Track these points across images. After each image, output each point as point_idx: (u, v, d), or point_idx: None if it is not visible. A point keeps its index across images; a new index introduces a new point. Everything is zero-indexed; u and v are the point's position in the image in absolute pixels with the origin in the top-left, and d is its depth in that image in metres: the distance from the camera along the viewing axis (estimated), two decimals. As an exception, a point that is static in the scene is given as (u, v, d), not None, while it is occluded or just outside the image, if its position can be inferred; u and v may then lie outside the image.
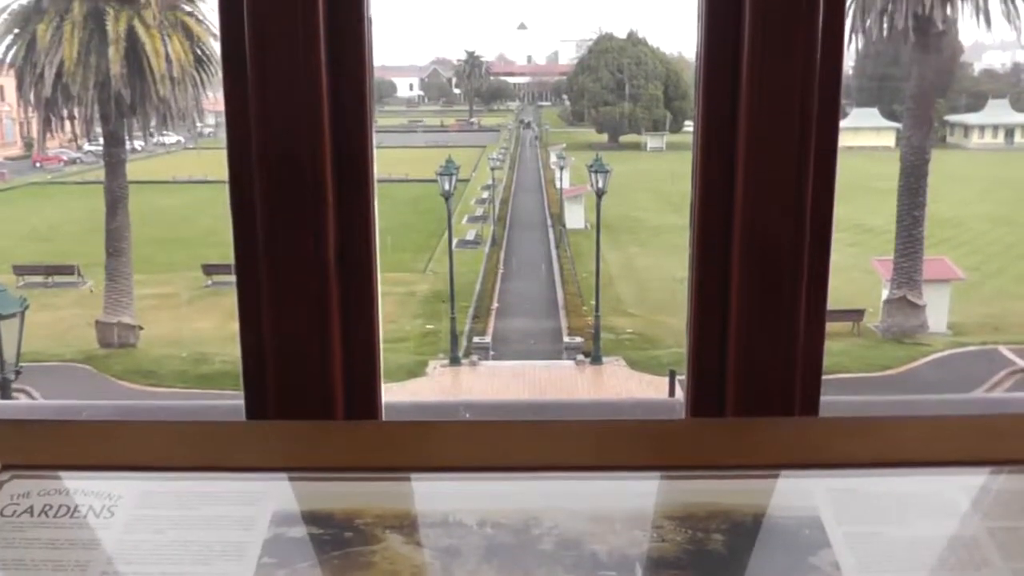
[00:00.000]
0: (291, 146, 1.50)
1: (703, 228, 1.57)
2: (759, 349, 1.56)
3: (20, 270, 22.53)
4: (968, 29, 20.40)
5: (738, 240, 1.53)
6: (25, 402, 10.26)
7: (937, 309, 20.25)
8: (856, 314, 19.78)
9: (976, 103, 33.45)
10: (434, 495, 1.33)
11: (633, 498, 1.32)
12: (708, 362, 1.60)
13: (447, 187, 21.33)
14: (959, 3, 19.71)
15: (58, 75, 19.83)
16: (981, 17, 19.87)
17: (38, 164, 31.94)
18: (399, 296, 21.50)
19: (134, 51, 19.92)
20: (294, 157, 1.50)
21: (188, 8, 21.05)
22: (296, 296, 1.53)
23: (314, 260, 1.52)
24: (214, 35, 19.45)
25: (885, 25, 20.03)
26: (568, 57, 41.82)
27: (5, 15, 20.37)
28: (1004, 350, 18.83)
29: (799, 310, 1.55)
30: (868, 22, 19.88)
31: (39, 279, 22.41)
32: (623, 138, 34.92)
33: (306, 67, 1.47)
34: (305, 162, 1.50)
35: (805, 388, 1.58)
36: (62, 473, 1.35)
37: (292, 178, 1.50)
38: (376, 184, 1.56)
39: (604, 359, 19.17)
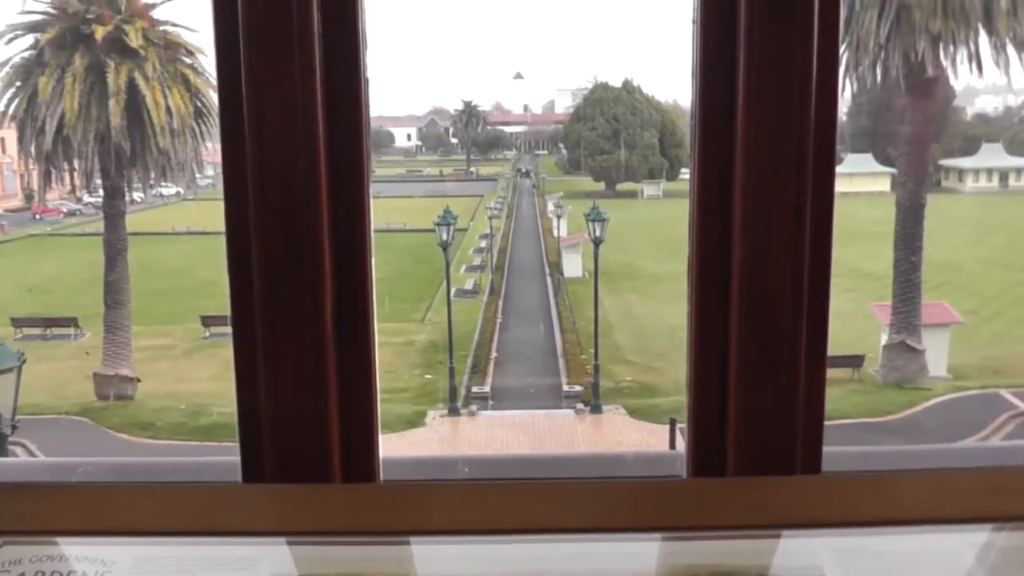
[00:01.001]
0: (288, 204, 1.50)
1: (701, 277, 1.57)
2: (760, 401, 1.55)
3: (18, 322, 22.49)
4: (960, 73, 20.60)
5: (737, 290, 1.52)
6: (20, 460, 10.16)
7: (937, 353, 20.21)
8: (856, 359, 19.74)
9: (970, 147, 33.67)
10: (433, 559, 1.31)
11: (636, 560, 1.30)
12: (709, 414, 1.58)
13: (445, 237, 21.41)
14: (951, 48, 19.92)
15: (59, 127, 19.98)
16: (973, 63, 20.10)
17: (38, 216, 32.04)
18: (397, 346, 21.46)
19: (134, 103, 20.10)
20: (291, 215, 1.50)
21: (188, 60, 21.27)
22: (293, 356, 1.52)
23: (311, 320, 1.51)
24: (214, 87, 19.64)
25: (878, 71, 20.24)
26: (564, 106, 42.18)
27: (7, 68, 20.61)
28: (1005, 393, 18.78)
29: (799, 361, 1.54)
30: (861, 68, 20.08)
31: (37, 331, 22.38)
32: (620, 186, 35.11)
33: (303, 125, 1.48)
34: (302, 220, 1.50)
35: (807, 440, 1.56)
36: (56, 539, 1.33)
37: (289, 236, 1.50)
38: (373, 237, 1.56)
39: (604, 408, 19.07)
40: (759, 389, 1.55)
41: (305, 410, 1.53)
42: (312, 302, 1.51)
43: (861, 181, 29.44)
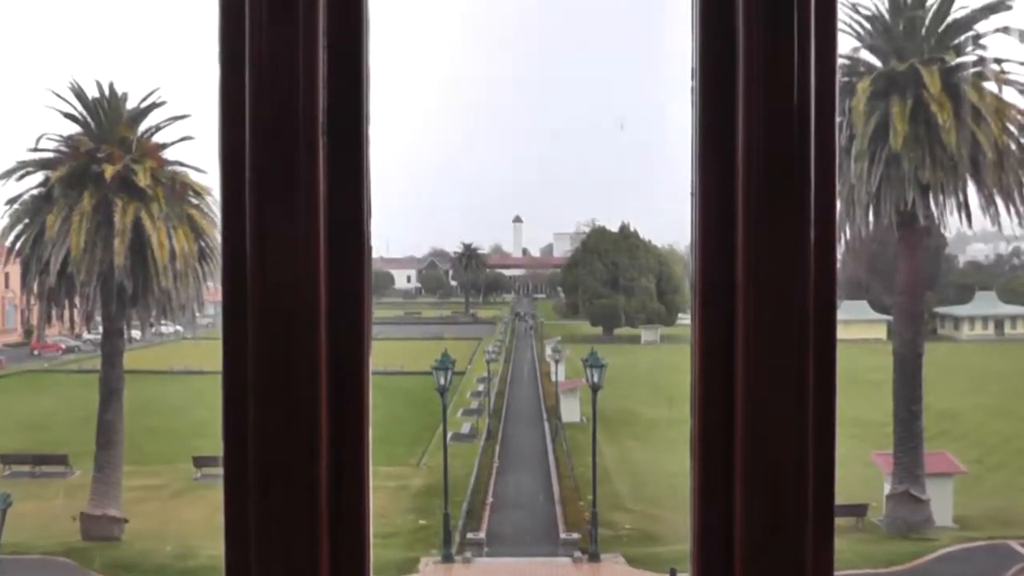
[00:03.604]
0: (287, 345, 1.49)
1: (704, 425, 1.55)
2: (766, 553, 1.50)
3: (6, 459, 22.17)
4: (950, 222, 21.02)
5: (740, 441, 1.50)
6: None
7: (941, 503, 19.89)
8: (859, 508, 19.42)
9: (964, 295, 34.04)
10: None
11: None
12: (713, 566, 1.54)
13: (442, 382, 21.32)
14: (940, 198, 20.39)
15: (63, 265, 20.18)
16: (962, 212, 20.53)
17: (36, 352, 32.06)
18: (391, 490, 21.11)
19: (139, 243, 20.34)
20: (289, 356, 1.49)
21: (195, 201, 21.66)
22: (285, 499, 1.48)
23: (306, 462, 1.48)
24: (218, 227, 19.96)
25: (870, 218, 20.64)
26: (563, 249, 42.86)
27: (16, 205, 20.96)
28: (1014, 544, 18.41)
29: (806, 512, 1.50)
30: (854, 216, 20.48)
31: (26, 468, 22.02)
32: (618, 330, 35.29)
33: (305, 266, 1.49)
34: (300, 362, 1.49)
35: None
36: None
37: (286, 377, 1.49)
38: (372, 380, 1.55)
39: (602, 556, 18.61)
40: (765, 541, 1.50)
41: (297, 552, 1.48)
42: (307, 444, 1.49)
43: (857, 329, 29.61)
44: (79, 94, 21.18)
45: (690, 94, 1.53)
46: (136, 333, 25.36)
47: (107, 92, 21.31)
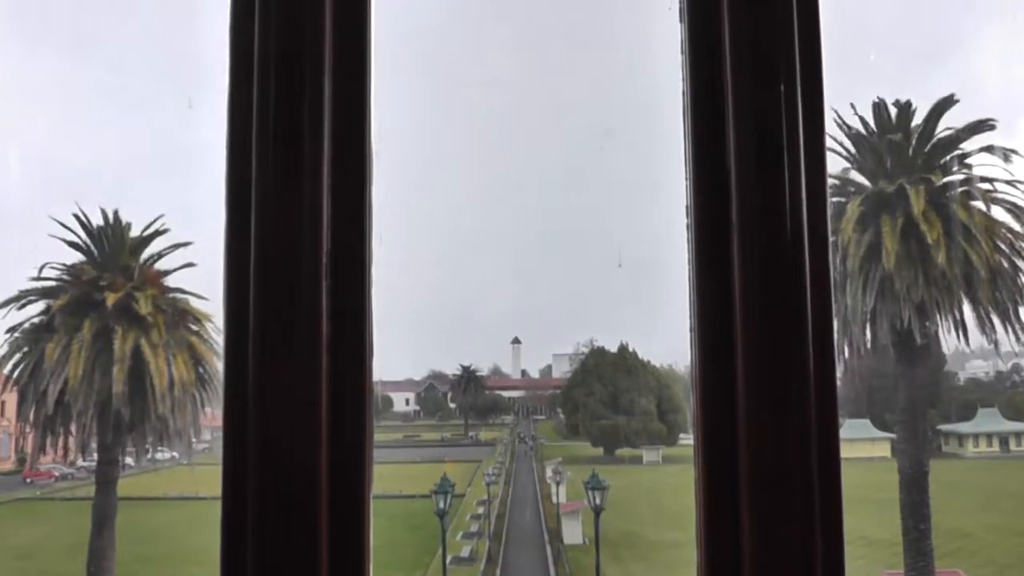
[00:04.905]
0: (287, 469, 1.49)
1: (709, 547, 1.53)
2: None
3: (-9, 593, 21.54)
4: (948, 340, 21.05)
5: (748, 562, 1.49)
6: None
7: (958, 625, 19.30)
8: (872, 633, 18.82)
9: (966, 412, 33.73)
10: None
11: None
12: None
13: (442, 505, 20.99)
14: (936, 316, 20.45)
15: (60, 393, 20.04)
16: (959, 330, 20.56)
17: (29, 480, 31.51)
18: (390, 619, 20.46)
19: (137, 370, 20.26)
20: (289, 481, 1.49)
21: (195, 328, 21.68)
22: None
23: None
24: (217, 354, 19.95)
25: (867, 336, 20.67)
26: (562, 370, 42.65)
27: (16, 333, 20.95)
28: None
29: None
30: (851, 335, 20.51)
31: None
32: (619, 451, 34.86)
33: (305, 390, 1.50)
34: (300, 485, 1.49)
35: None
36: None
37: (286, 501, 1.49)
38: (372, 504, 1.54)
39: None
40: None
41: None
42: (308, 571, 1.48)
43: (860, 447, 29.24)
44: (84, 223, 21.48)
45: (686, 230, 1.58)
46: (130, 460, 25.03)
47: (111, 220, 21.61)
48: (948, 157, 21.08)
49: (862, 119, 21.12)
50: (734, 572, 1.50)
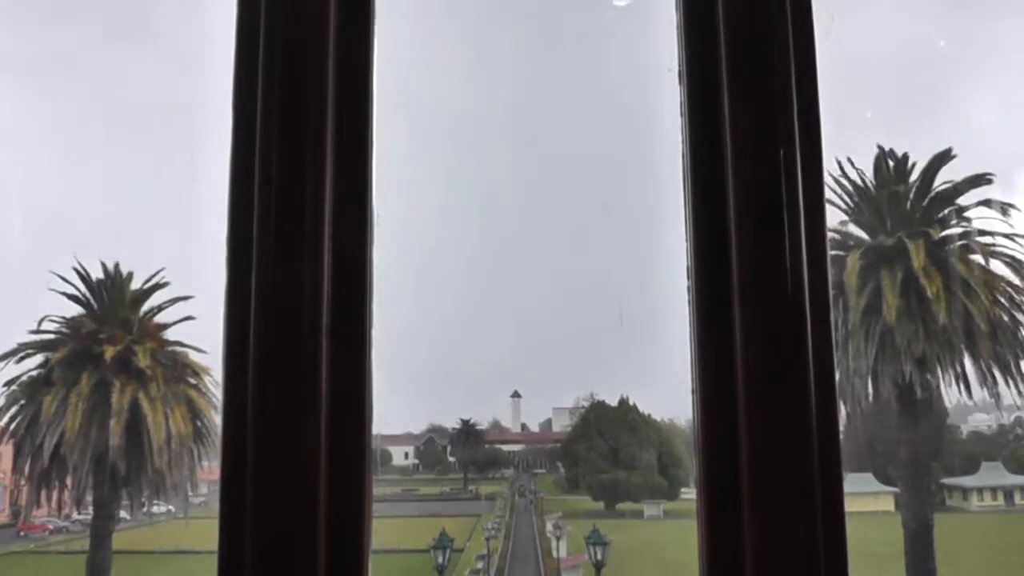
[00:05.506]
0: (286, 531, 1.48)
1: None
2: None
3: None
4: (950, 393, 21.00)
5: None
6: None
7: None
8: None
9: (969, 465, 33.50)
10: None
11: None
12: None
13: (440, 560, 20.81)
14: (938, 370, 20.41)
15: (57, 446, 19.94)
16: (960, 384, 20.51)
17: (22, 533, 31.19)
18: None
19: (135, 423, 20.17)
20: (289, 541, 1.48)
21: (193, 381, 21.61)
22: None
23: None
24: (215, 407, 19.87)
25: (869, 391, 20.61)
26: (561, 424, 42.44)
27: (14, 386, 20.89)
28: None
29: None
30: (853, 389, 20.45)
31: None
32: (620, 505, 34.55)
33: (307, 454, 1.50)
34: (299, 546, 1.48)
35: None
36: None
37: (285, 564, 1.47)
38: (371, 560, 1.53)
39: None
40: None
41: None
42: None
43: (864, 501, 28.99)
44: (83, 276, 21.54)
45: (687, 292, 1.59)
46: (124, 514, 24.80)
47: (112, 273, 21.67)
48: (946, 211, 21.20)
49: (860, 172, 21.32)
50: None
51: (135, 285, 21.80)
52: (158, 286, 21.82)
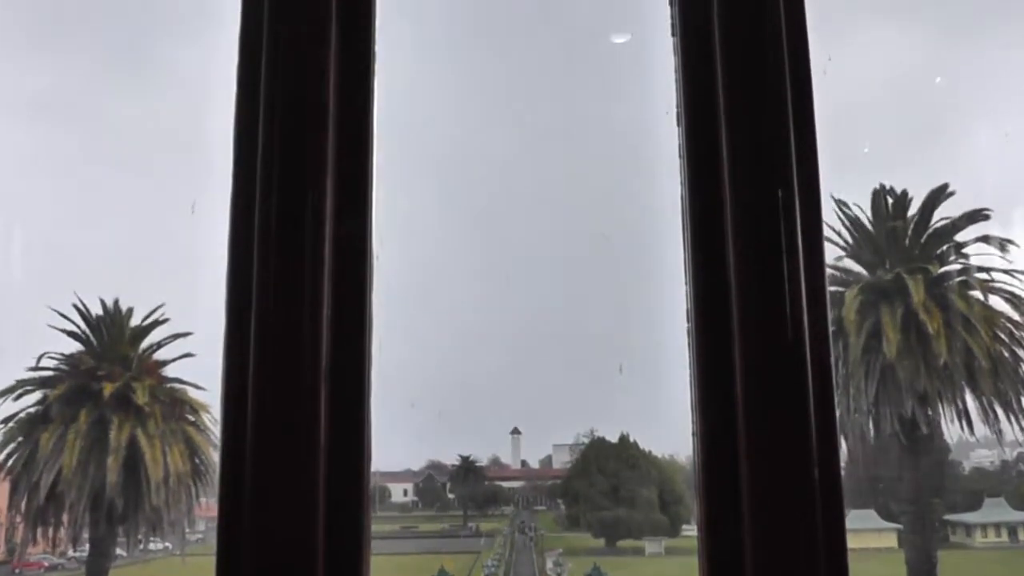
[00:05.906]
0: (286, 563, 1.47)
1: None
2: None
3: None
4: (952, 429, 20.92)
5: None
6: None
7: None
8: None
9: (973, 502, 33.29)
10: None
11: None
12: None
13: (439, 598, 20.60)
14: (939, 407, 20.34)
15: (53, 483, 19.83)
16: (962, 420, 20.43)
17: (18, 571, 30.91)
18: None
19: (132, 460, 20.08)
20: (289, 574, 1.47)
21: (191, 418, 21.53)
22: None
23: None
24: (214, 444, 19.79)
25: (871, 427, 20.53)
26: (561, 461, 42.22)
27: (11, 423, 20.81)
28: None
29: None
30: (854, 424, 20.37)
31: None
32: (621, 542, 34.28)
33: (304, 487, 1.49)
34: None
35: None
36: None
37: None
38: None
39: None
40: None
41: None
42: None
43: (867, 537, 28.76)
44: (83, 313, 21.54)
45: (687, 335, 1.59)
46: (120, 551, 24.59)
47: (111, 309, 21.67)
48: (945, 247, 21.24)
49: (858, 207, 21.39)
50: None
51: (135, 321, 21.80)
52: (158, 322, 21.83)
